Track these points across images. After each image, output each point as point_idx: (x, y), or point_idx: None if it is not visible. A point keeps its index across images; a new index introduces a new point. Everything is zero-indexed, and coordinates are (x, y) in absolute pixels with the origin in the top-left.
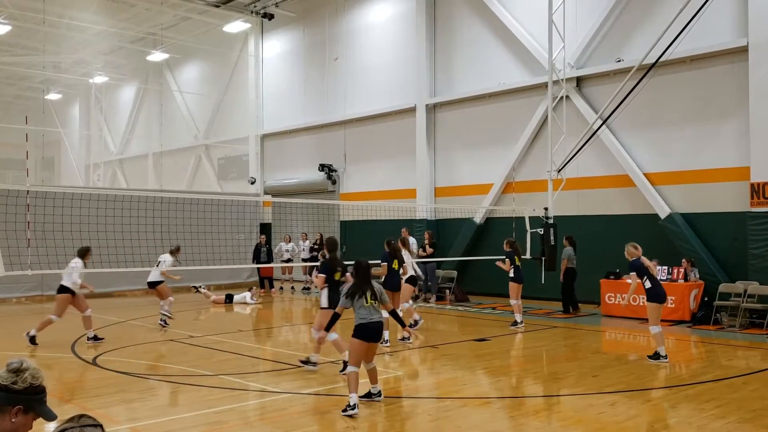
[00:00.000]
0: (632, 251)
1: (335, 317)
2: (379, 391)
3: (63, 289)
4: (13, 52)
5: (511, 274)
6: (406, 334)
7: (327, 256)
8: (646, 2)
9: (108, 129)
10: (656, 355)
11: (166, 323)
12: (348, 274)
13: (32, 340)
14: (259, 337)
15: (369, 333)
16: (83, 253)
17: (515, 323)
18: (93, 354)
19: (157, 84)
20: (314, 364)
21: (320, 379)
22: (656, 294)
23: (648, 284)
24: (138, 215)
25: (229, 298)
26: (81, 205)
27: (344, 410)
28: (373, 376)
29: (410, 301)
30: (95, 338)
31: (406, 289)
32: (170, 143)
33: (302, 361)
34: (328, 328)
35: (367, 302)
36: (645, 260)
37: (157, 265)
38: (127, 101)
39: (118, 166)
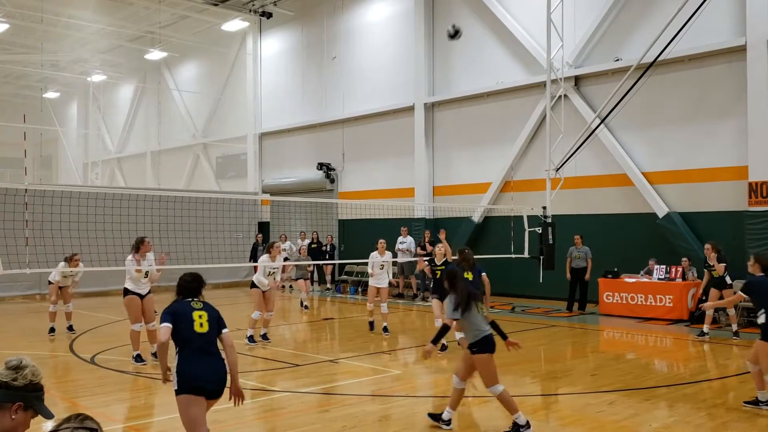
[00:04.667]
0: (757, 266)
1: (445, 329)
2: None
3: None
4: (11, 51)
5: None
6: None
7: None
8: (645, 1)
9: (106, 127)
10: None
11: None
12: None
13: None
14: (257, 335)
15: (492, 345)
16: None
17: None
18: (91, 353)
19: (156, 82)
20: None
21: (318, 378)
22: None
23: (763, 318)
24: (136, 214)
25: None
26: (79, 204)
27: None
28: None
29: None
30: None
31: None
32: (168, 142)
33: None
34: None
35: (480, 312)
36: None
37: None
38: (126, 100)
39: (116, 164)
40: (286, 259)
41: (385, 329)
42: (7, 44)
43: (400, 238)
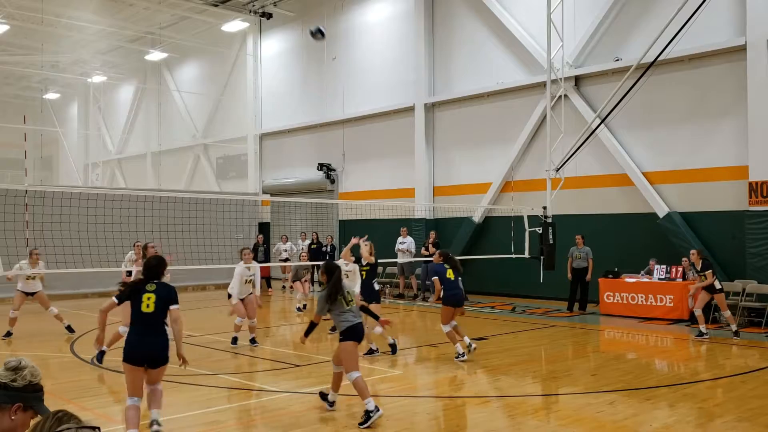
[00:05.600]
0: None
1: (313, 325)
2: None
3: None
4: (11, 52)
5: (717, 285)
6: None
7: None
8: (645, 1)
9: (106, 128)
10: None
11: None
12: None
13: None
14: (258, 336)
15: (359, 334)
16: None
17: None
18: (91, 353)
19: (156, 83)
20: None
21: (319, 378)
22: None
23: None
24: (137, 215)
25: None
26: (80, 205)
27: (366, 421)
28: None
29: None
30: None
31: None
32: (169, 143)
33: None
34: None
35: (347, 305)
36: None
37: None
38: (126, 101)
39: (116, 165)
40: (286, 260)
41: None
42: (8, 45)
43: (400, 239)
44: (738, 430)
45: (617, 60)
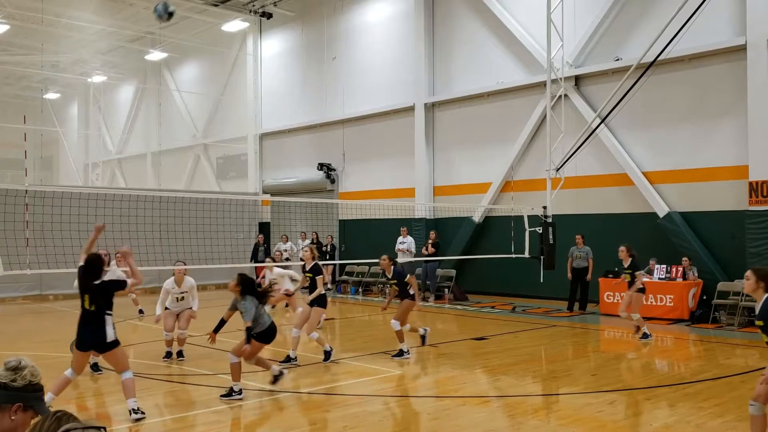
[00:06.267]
0: None
1: (222, 323)
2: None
3: None
4: (11, 52)
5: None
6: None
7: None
8: (645, 1)
9: (106, 128)
10: None
11: None
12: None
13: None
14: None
15: (273, 336)
16: None
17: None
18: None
19: (156, 83)
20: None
21: (319, 378)
22: None
23: None
24: (137, 215)
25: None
26: (80, 205)
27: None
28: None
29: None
30: None
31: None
32: (169, 142)
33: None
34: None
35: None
36: None
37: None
38: (126, 100)
39: (116, 165)
40: (287, 260)
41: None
42: (8, 45)
43: (400, 239)
44: (738, 429)
45: (617, 60)
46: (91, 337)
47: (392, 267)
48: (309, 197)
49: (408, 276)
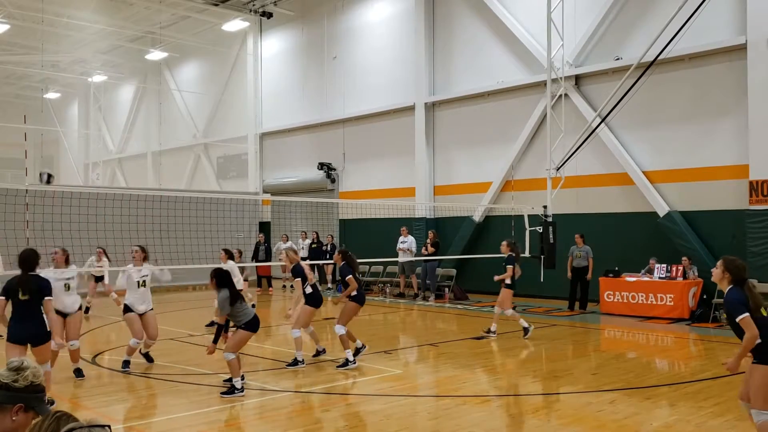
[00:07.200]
0: None
1: (220, 328)
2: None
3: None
4: (11, 51)
5: (508, 281)
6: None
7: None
8: (645, 0)
9: (107, 128)
10: None
11: None
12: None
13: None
14: (258, 335)
15: (252, 325)
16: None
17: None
18: (92, 353)
19: (156, 83)
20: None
21: (319, 377)
22: None
23: None
24: (137, 214)
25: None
26: (80, 204)
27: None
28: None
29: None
30: None
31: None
32: (169, 142)
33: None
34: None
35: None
36: None
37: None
38: (126, 100)
39: (117, 165)
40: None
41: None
42: (8, 45)
43: (401, 238)
44: (738, 429)
45: (617, 59)
46: (27, 330)
47: (342, 263)
48: (309, 197)
49: (348, 276)
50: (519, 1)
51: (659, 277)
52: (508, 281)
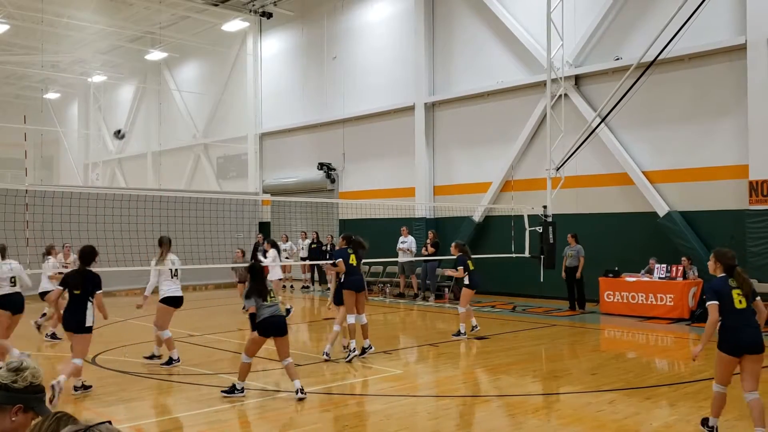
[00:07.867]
0: None
1: (252, 317)
2: (300, 389)
3: None
4: (11, 52)
5: (466, 281)
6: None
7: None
8: (645, 0)
9: (107, 128)
10: None
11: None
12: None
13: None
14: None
15: (274, 328)
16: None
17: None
18: (92, 353)
19: (156, 83)
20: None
21: (319, 377)
22: None
23: None
24: (137, 214)
25: None
26: (80, 205)
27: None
28: (291, 371)
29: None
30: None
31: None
32: (169, 142)
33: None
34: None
35: (268, 300)
36: None
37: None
38: (126, 100)
39: (116, 165)
40: (287, 259)
41: (54, 336)
42: (8, 45)
43: (401, 238)
44: (738, 428)
45: (617, 59)
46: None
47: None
48: (309, 197)
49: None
50: (519, 1)
51: (659, 277)
52: (466, 281)
